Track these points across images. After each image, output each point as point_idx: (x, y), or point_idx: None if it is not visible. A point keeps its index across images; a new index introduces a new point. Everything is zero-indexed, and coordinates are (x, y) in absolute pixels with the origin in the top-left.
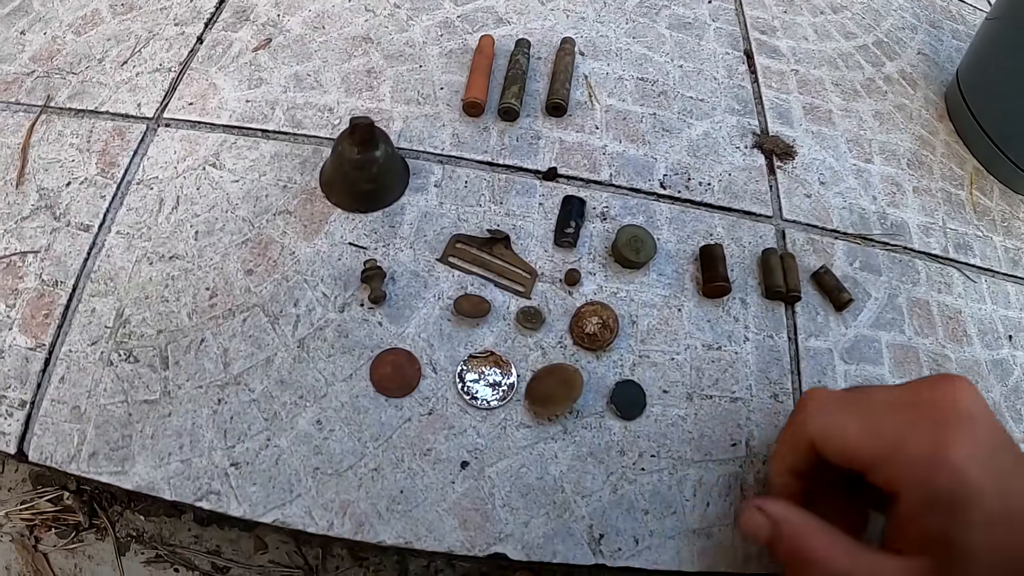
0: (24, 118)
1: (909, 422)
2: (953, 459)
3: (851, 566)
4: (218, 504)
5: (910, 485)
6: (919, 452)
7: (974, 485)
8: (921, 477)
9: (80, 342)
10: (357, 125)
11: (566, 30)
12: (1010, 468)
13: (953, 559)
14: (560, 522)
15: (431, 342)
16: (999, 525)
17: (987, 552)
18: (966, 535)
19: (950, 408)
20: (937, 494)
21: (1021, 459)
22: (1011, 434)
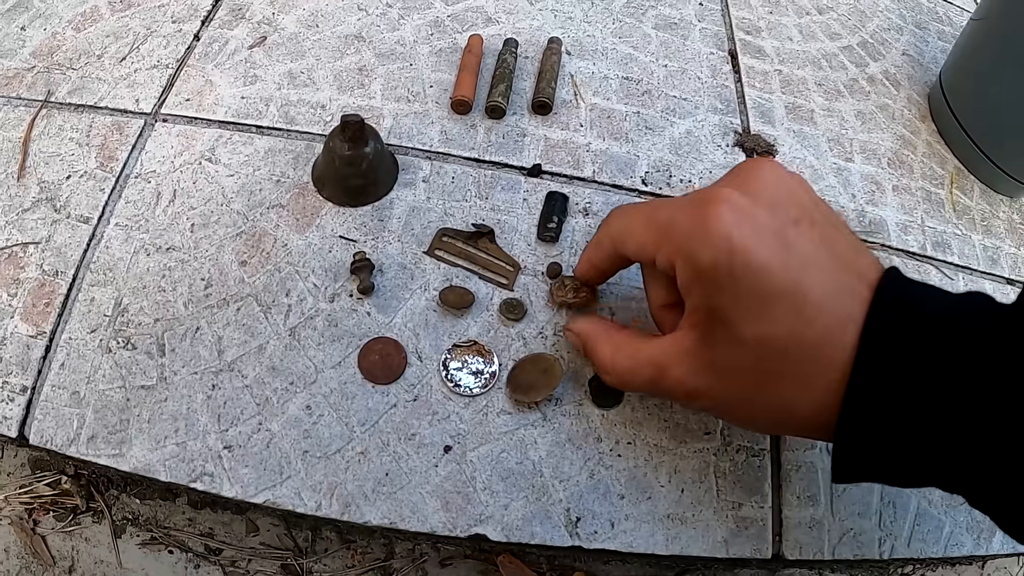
0: (25, 112)
1: (683, 206)
2: (715, 231)
3: (631, 358)
4: (211, 485)
5: (680, 262)
6: (686, 228)
7: (739, 255)
8: (687, 251)
9: (80, 330)
10: (348, 122)
11: (553, 30)
12: (801, 246)
13: (716, 329)
14: (538, 505)
15: (417, 332)
16: (764, 300)
17: (751, 325)
18: (730, 306)
19: (722, 187)
20: (700, 265)
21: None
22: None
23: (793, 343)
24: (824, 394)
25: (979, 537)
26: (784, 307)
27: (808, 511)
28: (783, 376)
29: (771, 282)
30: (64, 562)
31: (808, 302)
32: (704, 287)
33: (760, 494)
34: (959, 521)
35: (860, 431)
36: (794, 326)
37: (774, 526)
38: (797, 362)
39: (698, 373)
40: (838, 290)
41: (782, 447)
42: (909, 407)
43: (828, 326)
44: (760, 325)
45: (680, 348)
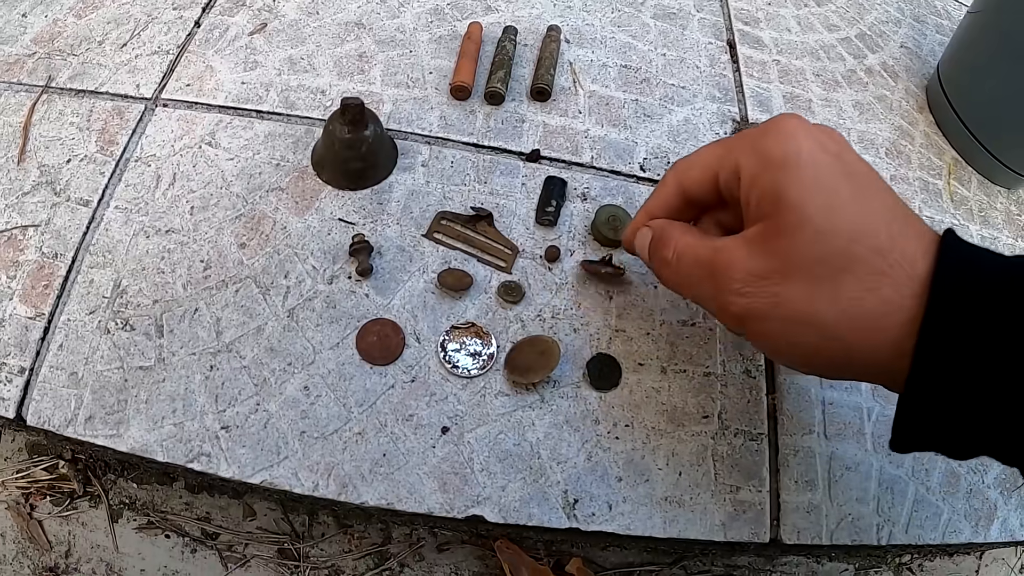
0: (26, 98)
1: (745, 131)
2: (782, 126)
3: (695, 242)
4: (209, 465)
5: (746, 157)
6: (756, 131)
7: (808, 154)
8: (757, 147)
9: (78, 311)
10: (348, 105)
11: (552, 18)
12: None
13: (782, 214)
14: (536, 487)
15: (415, 313)
16: (831, 194)
17: (818, 211)
18: (797, 191)
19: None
20: (768, 154)
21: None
22: None
23: (860, 234)
24: (895, 292)
25: (977, 525)
26: (848, 199)
27: (806, 496)
28: (848, 269)
29: (834, 178)
30: (60, 547)
31: (871, 204)
32: (772, 173)
33: (758, 478)
34: (957, 508)
35: (938, 362)
36: (859, 218)
37: (772, 510)
38: (864, 257)
39: (757, 254)
40: (893, 208)
41: (780, 431)
42: (983, 358)
43: (893, 229)
44: (829, 213)
45: (744, 236)
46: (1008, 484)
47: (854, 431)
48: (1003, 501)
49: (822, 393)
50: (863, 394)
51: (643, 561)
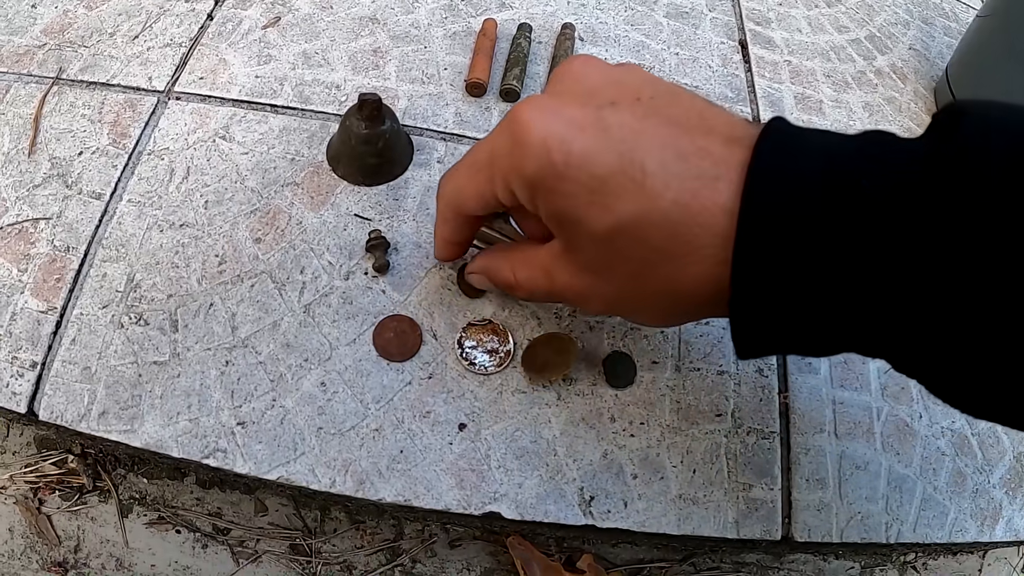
0: (36, 89)
1: (495, 132)
2: (528, 136)
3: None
4: (224, 462)
5: (514, 184)
6: (504, 149)
7: (559, 153)
8: (514, 171)
9: (91, 305)
10: (365, 101)
11: (567, 16)
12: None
13: (569, 232)
14: (552, 484)
15: (432, 310)
16: (600, 187)
17: (597, 218)
18: (570, 206)
19: (526, 103)
20: (529, 178)
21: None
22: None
23: (647, 222)
24: (708, 266)
25: (983, 524)
26: (622, 188)
27: (817, 494)
28: (654, 260)
29: (598, 167)
30: (69, 542)
31: (647, 174)
32: (542, 197)
33: (770, 476)
34: (963, 508)
35: (757, 299)
36: (640, 203)
37: (784, 508)
38: (661, 241)
39: (576, 275)
40: (682, 153)
41: (792, 430)
42: (809, 266)
43: (681, 193)
44: (606, 215)
45: (554, 254)
46: (1014, 484)
47: (864, 430)
48: (1008, 501)
49: (833, 392)
50: (873, 394)
51: (653, 558)
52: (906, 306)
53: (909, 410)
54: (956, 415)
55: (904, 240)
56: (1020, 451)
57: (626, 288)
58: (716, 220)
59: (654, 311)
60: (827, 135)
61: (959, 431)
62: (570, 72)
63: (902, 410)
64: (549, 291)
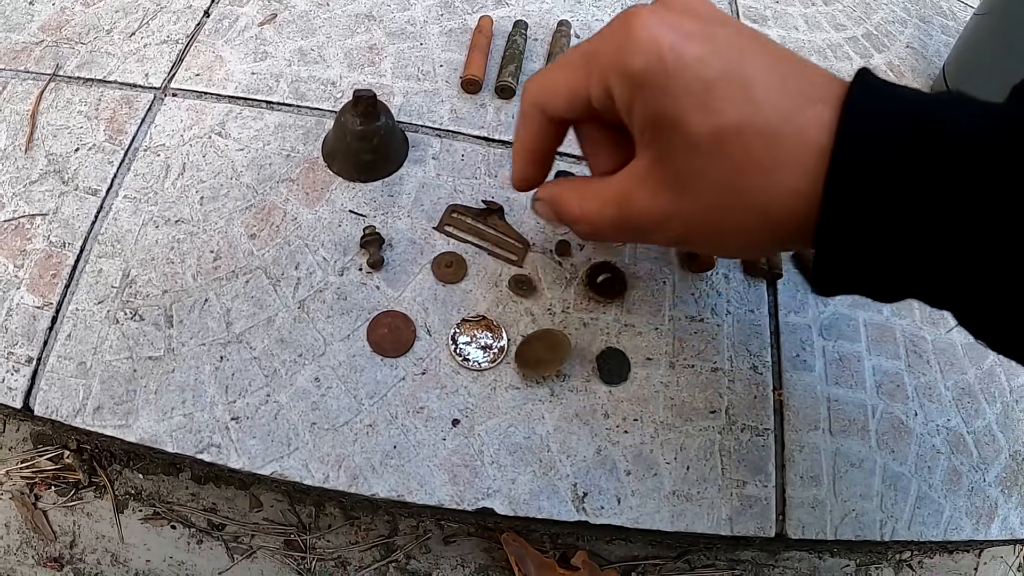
0: (33, 86)
1: (599, 34)
2: (639, 33)
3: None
4: (218, 456)
5: (615, 80)
6: (611, 45)
7: (670, 53)
8: (619, 66)
9: (87, 301)
10: (361, 97)
11: (563, 13)
12: (729, 39)
13: (666, 139)
14: (545, 480)
15: (426, 306)
16: (707, 89)
17: (700, 121)
18: (673, 107)
19: (636, 8)
20: (634, 73)
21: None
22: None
23: (750, 129)
24: (804, 181)
25: (978, 522)
26: (728, 92)
27: (811, 491)
28: (747, 168)
29: (707, 70)
30: (65, 537)
31: (753, 85)
32: (644, 96)
33: (764, 473)
34: (959, 506)
35: (845, 222)
36: (744, 111)
37: (778, 505)
38: (762, 149)
39: (660, 191)
40: (783, 75)
41: (786, 427)
42: (895, 199)
43: (784, 107)
44: (708, 117)
45: (636, 172)
46: (1009, 482)
47: (858, 427)
48: (1004, 499)
49: (828, 390)
50: (868, 391)
51: (648, 555)
52: (985, 252)
53: (904, 408)
54: (951, 413)
55: (984, 191)
56: (1016, 449)
57: (714, 204)
58: (816, 137)
59: (736, 233)
60: (914, 90)
61: (955, 429)
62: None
63: (897, 408)
64: (619, 221)
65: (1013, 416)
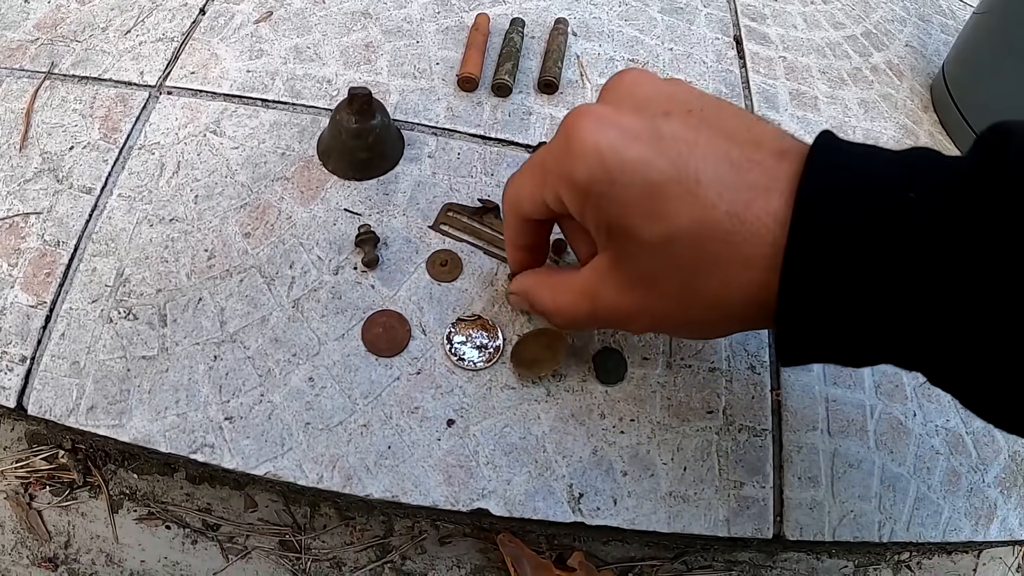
0: (28, 84)
1: (552, 139)
2: (581, 145)
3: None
4: (212, 456)
5: (564, 191)
6: (556, 154)
7: (613, 161)
8: (565, 177)
9: (81, 300)
10: (355, 95)
11: (560, 11)
12: (675, 133)
13: (620, 243)
14: (541, 480)
15: (421, 305)
16: (653, 194)
17: (650, 226)
18: (622, 215)
19: (580, 110)
20: (579, 184)
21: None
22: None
23: (701, 230)
24: (759, 272)
25: (977, 523)
26: (677, 196)
27: (809, 492)
28: (705, 269)
29: (652, 175)
30: (60, 537)
31: (701, 183)
32: (592, 205)
33: (762, 474)
34: (957, 507)
35: (803, 306)
36: (695, 212)
37: (775, 506)
38: (715, 249)
39: (624, 289)
40: (735, 164)
41: (784, 428)
42: (855, 277)
43: (735, 202)
44: (659, 224)
45: (600, 269)
46: (1008, 483)
47: (857, 428)
48: (1003, 500)
49: (826, 390)
50: (866, 392)
51: (644, 556)
52: (948, 323)
53: (903, 408)
54: (950, 414)
55: (949, 259)
56: (1015, 450)
57: (676, 299)
58: (768, 229)
59: (702, 322)
60: (873, 150)
61: (953, 430)
62: (622, 83)
63: (896, 408)
64: (592, 314)
65: None
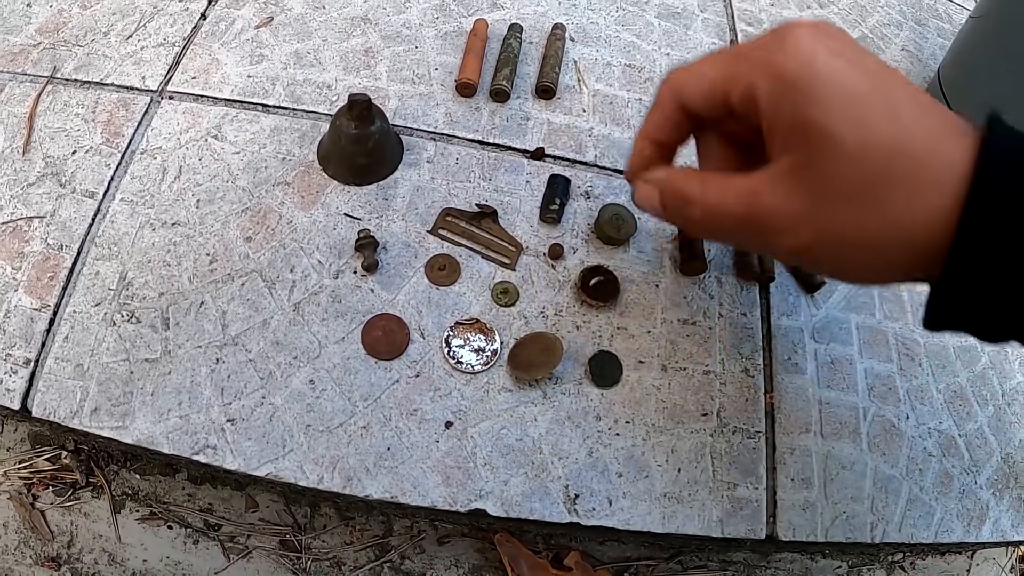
0: (30, 88)
1: (753, 40)
2: (795, 42)
3: (721, 193)
4: (214, 458)
5: (764, 81)
6: (766, 46)
7: (823, 63)
8: (770, 67)
9: (84, 303)
10: (355, 101)
11: (558, 16)
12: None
13: (812, 144)
14: (538, 481)
15: (420, 309)
16: (858, 103)
17: (849, 131)
18: (823, 115)
19: (796, 21)
20: (785, 80)
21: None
22: None
23: (900, 145)
24: (946, 199)
25: (969, 525)
26: (879, 112)
27: (802, 493)
28: (891, 182)
29: (858, 86)
30: (63, 537)
31: (900, 107)
32: (793, 99)
33: (755, 475)
34: (950, 508)
35: (978, 249)
36: (895, 128)
37: (768, 507)
38: (908, 166)
39: (796, 194)
40: (925, 108)
41: (777, 430)
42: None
43: (929, 132)
44: (858, 129)
45: (772, 173)
46: (1001, 485)
47: (850, 430)
48: (995, 502)
49: (819, 392)
50: (859, 394)
51: (640, 556)
52: None
53: (896, 411)
54: (943, 416)
55: None
56: (1007, 452)
57: (851, 213)
58: (960, 163)
59: (865, 247)
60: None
61: (946, 432)
62: (812, 23)
63: (889, 411)
64: (746, 216)
65: (1005, 419)
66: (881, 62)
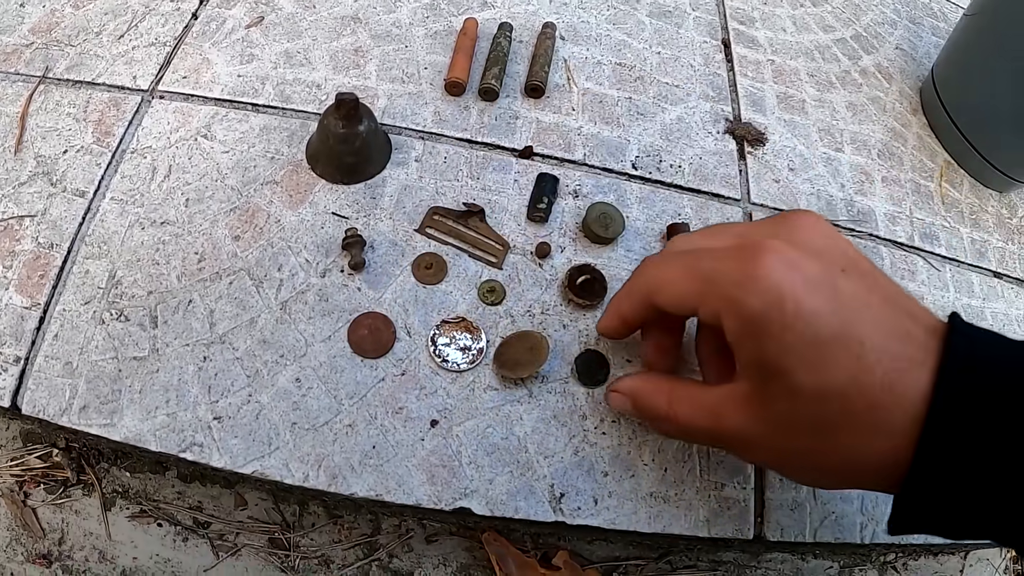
0: (23, 88)
1: (726, 255)
2: (766, 275)
3: (689, 412)
4: (201, 455)
5: (727, 313)
6: (732, 276)
7: (791, 306)
8: (734, 300)
9: (74, 302)
10: (342, 100)
11: (548, 15)
12: (851, 292)
13: (771, 382)
14: (523, 480)
15: (406, 307)
16: (820, 348)
17: (807, 376)
18: (784, 360)
19: (767, 236)
20: (749, 315)
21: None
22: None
23: (855, 390)
24: (896, 440)
25: None
26: (841, 353)
27: (790, 493)
28: (848, 426)
29: (825, 329)
30: (54, 534)
31: (866, 347)
32: (755, 338)
33: (743, 475)
34: None
35: (933, 479)
36: (854, 372)
37: (756, 507)
38: (862, 412)
39: (754, 423)
40: (896, 334)
41: None
42: (985, 460)
43: (890, 371)
44: (818, 375)
45: (736, 398)
46: None
47: None
48: None
49: None
50: None
51: (629, 555)
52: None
53: None
54: None
55: None
56: None
57: (807, 448)
58: (911, 403)
59: (825, 474)
60: (1006, 341)
61: None
62: (801, 225)
63: None
64: (710, 431)
65: None
66: (861, 276)
